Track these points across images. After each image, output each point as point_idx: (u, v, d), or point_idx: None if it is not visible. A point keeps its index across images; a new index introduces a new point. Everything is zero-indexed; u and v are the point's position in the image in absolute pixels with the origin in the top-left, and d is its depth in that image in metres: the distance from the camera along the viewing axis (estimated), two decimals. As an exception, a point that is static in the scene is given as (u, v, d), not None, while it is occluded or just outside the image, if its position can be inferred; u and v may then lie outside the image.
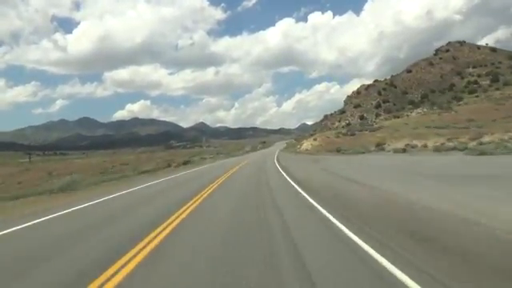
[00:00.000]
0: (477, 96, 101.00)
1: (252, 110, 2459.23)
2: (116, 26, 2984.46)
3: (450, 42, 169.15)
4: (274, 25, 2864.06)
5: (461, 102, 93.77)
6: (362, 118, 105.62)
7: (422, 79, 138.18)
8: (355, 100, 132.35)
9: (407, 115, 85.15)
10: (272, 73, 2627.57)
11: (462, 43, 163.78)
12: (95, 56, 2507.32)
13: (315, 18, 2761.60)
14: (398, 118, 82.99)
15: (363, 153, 37.88)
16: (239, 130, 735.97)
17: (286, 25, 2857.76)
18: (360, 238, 5.29)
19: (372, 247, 4.79)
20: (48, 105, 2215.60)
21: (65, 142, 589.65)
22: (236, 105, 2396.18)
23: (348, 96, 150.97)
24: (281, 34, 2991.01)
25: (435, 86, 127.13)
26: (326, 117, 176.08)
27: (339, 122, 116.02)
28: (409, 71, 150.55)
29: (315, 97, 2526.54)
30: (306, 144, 64.30)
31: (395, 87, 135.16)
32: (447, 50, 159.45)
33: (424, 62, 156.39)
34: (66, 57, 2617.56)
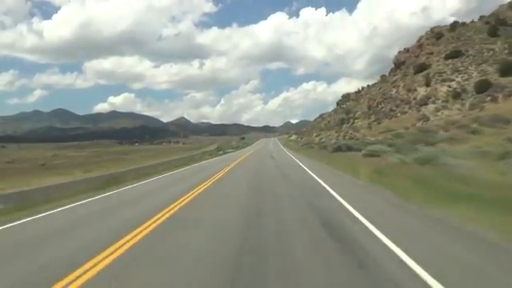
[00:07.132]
0: None
1: (238, 106, 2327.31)
2: (99, 13, 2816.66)
3: None
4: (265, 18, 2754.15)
5: None
6: (481, 85, 35.35)
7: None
8: (410, 58, 61.43)
9: None
10: (260, 69, 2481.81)
11: None
12: (76, 44, 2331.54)
13: (308, 13, 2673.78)
14: None
15: None
16: (221, 126, 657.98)
17: (277, 19, 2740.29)
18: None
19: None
20: (24, 95, 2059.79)
21: (35, 134, 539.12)
22: (222, 101, 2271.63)
23: (398, 55, 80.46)
24: (272, 28, 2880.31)
25: None
26: (346, 96, 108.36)
27: (410, 91, 45.43)
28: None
29: (302, 95, 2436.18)
30: None
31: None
32: None
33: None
34: (45, 45, 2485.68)
